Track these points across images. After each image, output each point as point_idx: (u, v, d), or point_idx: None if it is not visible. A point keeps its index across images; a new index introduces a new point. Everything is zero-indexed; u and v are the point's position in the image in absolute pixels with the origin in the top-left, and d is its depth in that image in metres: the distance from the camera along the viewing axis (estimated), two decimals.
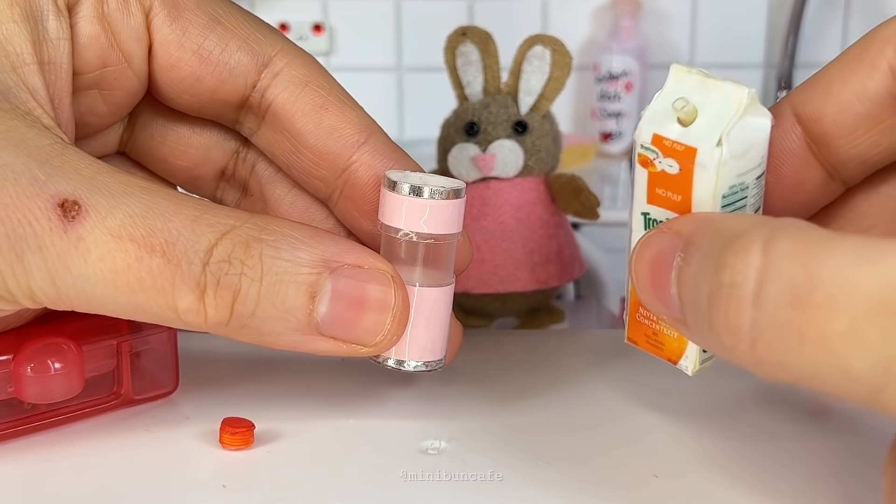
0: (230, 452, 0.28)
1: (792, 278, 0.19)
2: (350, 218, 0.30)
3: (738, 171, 0.24)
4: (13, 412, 0.28)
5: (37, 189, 0.24)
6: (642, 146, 0.24)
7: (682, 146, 0.24)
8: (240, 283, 0.24)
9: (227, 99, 0.29)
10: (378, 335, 0.26)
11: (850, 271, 0.18)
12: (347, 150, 0.29)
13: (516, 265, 0.42)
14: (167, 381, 0.31)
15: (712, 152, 0.23)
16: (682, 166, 0.24)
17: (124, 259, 0.24)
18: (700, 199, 0.24)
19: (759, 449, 0.28)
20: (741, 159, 0.24)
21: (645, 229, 0.25)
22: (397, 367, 0.27)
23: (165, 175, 0.32)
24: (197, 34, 0.28)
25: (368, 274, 0.26)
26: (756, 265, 0.19)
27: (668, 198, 0.24)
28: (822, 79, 0.25)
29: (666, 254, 0.23)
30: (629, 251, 0.25)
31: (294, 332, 0.25)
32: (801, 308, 0.19)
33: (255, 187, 0.32)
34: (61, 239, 0.24)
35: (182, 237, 0.24)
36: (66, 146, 0.25)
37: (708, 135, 0.23)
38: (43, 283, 0.24)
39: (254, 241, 0.25)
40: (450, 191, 0.26)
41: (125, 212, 0.24)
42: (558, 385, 0.33)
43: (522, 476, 0.27)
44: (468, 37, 0.43)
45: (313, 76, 0.29)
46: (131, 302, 0.24)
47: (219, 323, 0.25)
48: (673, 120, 0.24)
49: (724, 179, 0.24)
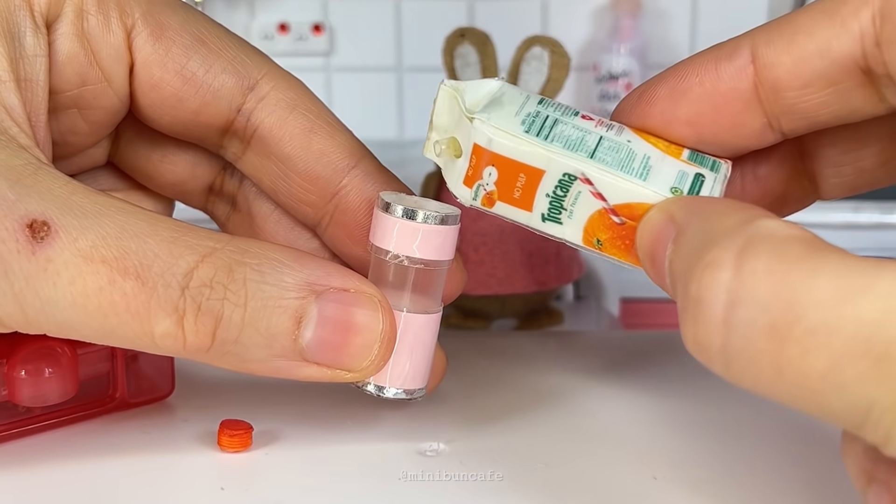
0: (228, 455, 0.28)
1: (768, 305, 0.18)
2: (339, 244, 0.30)
3: (508, 115, 0.25)
4: (8, 415, 0.28)
5: (5, 210, 0.23)
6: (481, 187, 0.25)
7: (478, 152, 0.25)
8: (223, 308, 0.24)
9: (210, 122, 0.29)
10: (365, 360, 0.25)
11: (831, 306, 0.17)
12: (337, 174, 0.29)
13: (515, 267, 0.42)
14: (163, 384, 0.31)
15: (476, 131, 0.25)
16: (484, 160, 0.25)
17: (96, 282, 0.23)
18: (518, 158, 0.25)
19: (760, 450, 0.28)
20: (495, 108, 0.25)
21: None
22: (377, 393, 0.27)
23: (155, 189, 0.32)
24: (180, 54, 0.28)
25: (355, 298, 0.25)
26: (725, 284, 0.19)
27: (518, 191, 0.25)
28: (788, 25, 0.24)
29: (661, 238, 0.22)
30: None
31: (278, 359, 0.25)
32: (778, 340, 0.18)
33: (243, 203, 0.32)
34: (29, 262, 0.23)
35: (159, 259, 0.23)
36: (41, 166, 0.24)
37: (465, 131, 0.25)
38: (9, 307, 0.23)
39: (237, 264, 0.24)
40: (444, 216, 0.26)
41: (98, 233, 0.23)
42: (557, 386, 0.33)
43: (522, 477, 0.26)
44: (466, 38, 0.43)
45: (301, 100, 0.29)
46: (104, 326, 0.23)
47: (199, 349, 0.24)
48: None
49: (509, 137, 0.24)
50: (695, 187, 0.24)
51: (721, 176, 0.25)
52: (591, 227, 0.25)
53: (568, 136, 0.24)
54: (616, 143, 0.25)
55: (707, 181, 0.24)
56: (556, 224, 0.25)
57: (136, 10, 0.28)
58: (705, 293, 0.19)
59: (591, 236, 0.25)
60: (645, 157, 0.24)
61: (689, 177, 0.24)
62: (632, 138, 0.25)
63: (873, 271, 0.17)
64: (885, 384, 0.17)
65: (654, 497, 0.26)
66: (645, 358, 0.35)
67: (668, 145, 0.25)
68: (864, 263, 0.18)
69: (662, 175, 0.24)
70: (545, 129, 0.25)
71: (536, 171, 0.24)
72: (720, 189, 0.25)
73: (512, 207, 0.25)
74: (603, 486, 0.26)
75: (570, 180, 0.24)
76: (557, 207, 0.25)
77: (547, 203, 0.25)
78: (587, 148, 0.24)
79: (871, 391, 0.17)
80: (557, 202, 0.25)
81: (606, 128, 0.25)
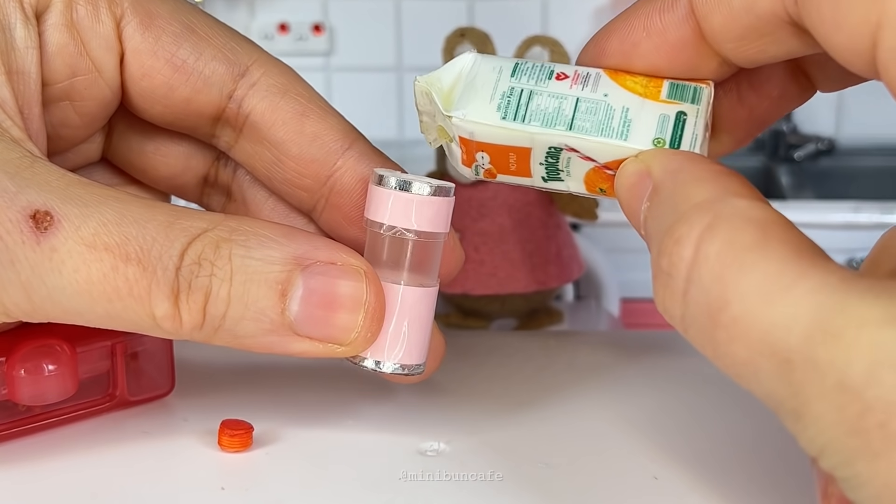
0: (229, 454, 0.28)
1: (709, 289, 0.19)
2: (336, 227, 0.30)
3: (483, 103, 0.25)
4: (7, 414, 0.28)
5: (7, 201, 0.23)
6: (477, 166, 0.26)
7: (465, 143, 0.26)
8: (210, 284, 0.24)
9: (201, 110, 0.29)
10: (352, 332, 0.25)
11: (751, 302, 0.18)
12: (331, 156, 0.29)
13: (515, 266, 0.42)
14: (163, 382, 0.31)
15: (456, 128, 0.25)
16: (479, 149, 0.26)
17: (99, 269, 0.23)
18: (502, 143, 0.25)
19: (760, 450, 0.28)
20: (470, 97, 0.25)
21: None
22: (375, 368, 0.26)
23: (149, 183, 0.32)
24: (170, 42, 0.28)
25: (340, 270, 0.25)
26: (687, 261, 0.20)
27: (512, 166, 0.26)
28: None
29: (637, 192, 0.23)
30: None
31: (269, 333, 0.25)
32: (712, 324, 0.19)
33: (238, 192, 0.32)
34: (34, 251, 0.23)
35: (156, 243, 0.24)
36: (36, 158, 0.24)
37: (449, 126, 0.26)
38: (17, 297, 0.24)
39: (224, 241, 0.24)
40: (438, 188, 0.26)
41: (98, 220, 0.23)
42: (557, 387, 0.33)
43: (522, 477, 0.26)
44: (466, 38, 0.43)
45: (292, 85, 0.29)
46: (108, 311, 0.24)
47: (193, 327, 0.24)
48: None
49: (489, 129, 0.25)
50: (677, 131, 0.24)
51: (703, 106, 0.25)
52: (590, 180, 0.25)
53: (545, 110, 0.25)
54: (593, 102, 0.25)
55: (689, 118, 0.25)
56: (558, 182, 0.26)
57: (125, 0, 0.28)
58: (672, 269, 0.20)
59: (594, 187, 0.26)
60: (623, 110, 0.25)
61: (671, 120, 0.25)
62: (609, 90, 0.25)
63: (798, 274, 0.18)
64: (790, 388, 0.18)
65: (654, 497, 0.26)
66: (645, 358, 0.35)
67: (646, 83, 0.25)
68: (795, 264, 0.18)
69: (643, 127, 0.24)
70: (521, 107, 0.25)
71: (523, 149, 0.25)
72: (703, 122, 0.25)
73: (512, 177, 0.26)
74: (603, 486, 0.26)
75: (557, 151, 0.25)
76: (554, 170, 0.26)
77: (543, 170, 0.26)
78: (565, 119, 0.25)
79: (780, 392, 0.18)
80: (552, 167, 0.25)
81: (582, 84, 0.25)
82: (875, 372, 0.17)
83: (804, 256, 0.19)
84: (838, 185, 1.50)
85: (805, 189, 1.44)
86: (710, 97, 0.25)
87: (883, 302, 0.17)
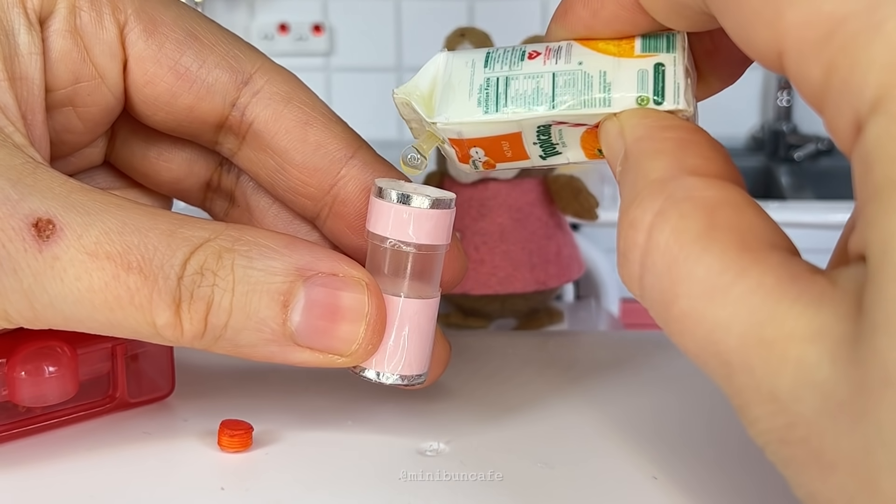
0: (229, 455, 0.28)
1: (661, 279, 0.19)
2: (339, 235, 0.30)
3: (462, 102, 0.25)
4: (8, 415, 0.28)
5: (10, 209, 0.23)
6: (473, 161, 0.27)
7: (456, 143, 0.26)
8: (212, 294, 0.24)
9: (204, 118, 0.29)
10: (353, 344, 0.25)
11: (696, 299, 0.19)
12: (335, 165, 0.29)
13: (515, 266, 0.42)
14: (163, 384, 0.31)
15: (443, 131, 0.25)
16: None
17: (101, 277, 0.23)
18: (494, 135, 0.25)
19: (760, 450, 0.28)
20: (449, 99, 0.25)
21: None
22: (375, 379, 0.26)
23: (152, 187, 0.32)
24: (173, 50, 0.28)
25: (342, 282, 0.25)
26: (641, 248, 0.20)
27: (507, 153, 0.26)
28: None
29: (614, 152, 0.23)
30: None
31: (269, 343, 0.25)
32: (666, 314, 0.20)
33: (241, 198, 0.32)
34: (36, 259, 0.23)
35: (158, 252, 0.24)
36: (39, 165, 0.24)
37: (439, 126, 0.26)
38: (19, 304, 0.24)
39: (226, 251, 0.24)
40: (438, 200, 0.26)
41: (101, 229, 0.24)
42: (557, 387, 0.33)
43: (522, 477, 0.26)
44: (466, 38, 0.43)
45: (295, 93, 0.29)
46: (110, 319, 0.24)
47: (195, 336, 0.24)
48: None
49: (476, 124, 0.25)
50: (658, 83, 0.24)
51: (679, 52, 0.25)
52: (586, 144, 0.26)
53: (524, 94, 0.25)
54: (570, 73, 0.25)
55: (668, 68, 0.24)
56: (556, 156, 0.26)
57: (129, 7, 0.28)
58: (628, 252, 0.20)
59: (592, 150, 0.26)
60: (601, 74, 0.24)
61: (650, 74, 0.24)
62: (583, 57, 0.25)
63: (737, 272, 0.18)
64: (731, 388, 0.18)
65: (654, 497, 0.26)
66: (645, 358, 0.35)
67: (619, 42, 0.25)
68: (737, 258, 0.18)
69: (623, 88, 0.24)
70: (500, 96, 0.25)
71: (514, 135, 0.25)
72: (683, 68, 0.24)
73: (511, 162, 0.26)
74: (603, 485, 0.26)
75: (546, 128, 0.25)
76: (549, 146, 0.26)
77: (539, 149, 0.26)
78: (545, 97, 0.25)
79: (725, 390, 0.19)
80: (547, 143, 0.26)
81: (555, 57, 0.25)
82: (798, 389, 0.17)
83: (747, 248, 0.19)
84: (838, 185, 1.49)
85: (805, 189, 1.44)
86: (685, 41, 0.25)
87: (811, 313, 0.17)
